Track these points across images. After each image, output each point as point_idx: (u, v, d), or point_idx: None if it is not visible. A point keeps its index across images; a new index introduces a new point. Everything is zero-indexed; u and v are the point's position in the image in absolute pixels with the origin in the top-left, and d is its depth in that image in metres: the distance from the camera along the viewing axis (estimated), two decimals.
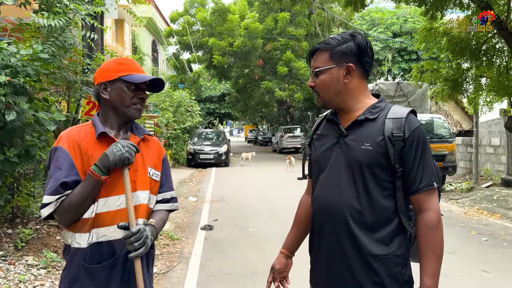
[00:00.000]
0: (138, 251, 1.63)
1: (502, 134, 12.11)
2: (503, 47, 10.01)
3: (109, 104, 1.78)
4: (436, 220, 1.55)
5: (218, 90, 37.52)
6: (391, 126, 1.56)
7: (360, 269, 1.57)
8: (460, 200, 9.96)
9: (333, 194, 1.64)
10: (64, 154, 1.69)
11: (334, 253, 1.64)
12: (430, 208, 1.56)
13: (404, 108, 1.64)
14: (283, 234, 6.64)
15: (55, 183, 1.64)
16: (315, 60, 1.68)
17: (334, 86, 1.64)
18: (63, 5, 4.04)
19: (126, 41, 20.81)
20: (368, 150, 1.57)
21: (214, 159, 18.27)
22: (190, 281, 4.53)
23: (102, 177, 1.64)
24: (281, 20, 22.09)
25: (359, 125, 1.62)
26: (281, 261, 1.92)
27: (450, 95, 10.85)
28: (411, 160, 1.55)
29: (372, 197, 1.57)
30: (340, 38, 1.65)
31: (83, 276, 1.69)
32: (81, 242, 1.69)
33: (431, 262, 1.53)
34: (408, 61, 21.17)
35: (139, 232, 1.63)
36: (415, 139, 1.55)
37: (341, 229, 1.61)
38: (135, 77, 1.77)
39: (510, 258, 5.39)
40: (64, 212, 1.65)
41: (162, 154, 1.96)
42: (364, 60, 1.64)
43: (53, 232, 4.98)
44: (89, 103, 5.15)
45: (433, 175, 1.59)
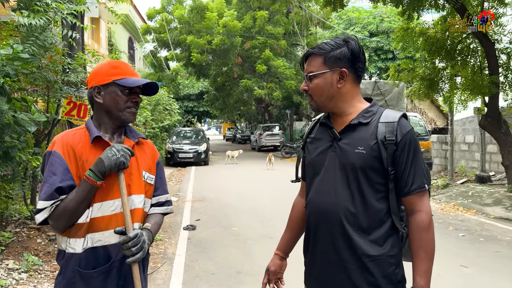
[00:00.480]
0: (136, 256, 1.63)
1: (476, 132, 12.46)
2: (477, 47, 10.30)
3: (103, 108, 1.77)
4: (428, 221, 1.60)
5: (197, 88, 37.25)
6: (383, 130, 1.60)
7: (355, 270, 1.61)
8: (436, 196, 10.21)
9: (328, 197, 1.67)
10: (58, 158, 1.67)
11: (329, 254, 1.67)
12: (421, 209, 1.60)
13: (396, 112, 1.68)
14: (266, 233, 6.71)
15: (50, 188, 1.62)
16: (309, 64, 1.71)
17: (327, 90, 1.67)
18: (44, 4, 3.96)
19: (102, 39, 20.47)
20: (362, 153, 1.60)
21: (193, 158, 18.16)
22: (175, 282, 4.52)
23: (97, 182, 1.63)
24: (260, 18, 22.10)
25: (353, 129, 1.66)
26: (276, 262, 1.95)
27: (426, 94, 11.08)
28: (403, 163, 1.59)
29: (366, 200, 1.61)
30: (334, 43, 1.68)
31: (79, 281, 1.68)
32: (76, 247, 1.68)
33: (423, 261, 1.57)
34: (385, 60, 21.54)
35: (136, 237, 1.63)
36: (407, 142, 1.60)
37: (336, 231, 1.64)
38: (129, 81, 1.76)
39: (487, 253, 5.56)
40: (58, 217, 1.63)
41: (156, 157, 1.95)
42: (357, 65, 1.68)
43: (33, 235, 4.88)
44: (69, 103, 5.05)
45: (424, 177, 1.63)
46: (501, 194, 9.17)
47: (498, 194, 9.25)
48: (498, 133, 9.52)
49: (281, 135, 26.44)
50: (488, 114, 9.69)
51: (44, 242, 4.82)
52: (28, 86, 5.10)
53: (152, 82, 1.85)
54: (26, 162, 4.59)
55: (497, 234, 6.52)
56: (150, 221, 1.84)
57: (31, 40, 3.90)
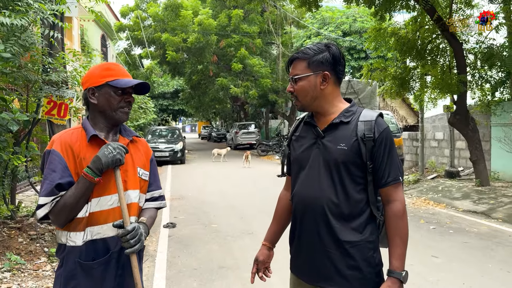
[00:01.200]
0: (134, 247, 1.73)
1: (445, 129, 12.93)
2: (446, 47, 10.71)
3: (97, 108, 1.86)
4: (402, 210, 1.77)
5: (171, 86, 37.04)
6: (363, 128, 1.77)
7: (337, 255, 1.77)
8: (408, 191, 10.56)
9: (313, 190, 1.82)
10: (57, 157, 1.75)
11: (314, 242, 1.82)
12: (396, 199, 1.77)
13: (373, 112, 1.85)
14: (246, 229, 6.86)
15: (51, 185, 1.71)
16: (294, 68, 1.86)
17: (311, 91, 1.82)
18: (24, 3, 3.96)
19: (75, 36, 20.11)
20: (343, 149, 1.76)
21: (169, 156, 18.10)
22: (158, 277, 4.60)
23: (95, 178, 1.72)
24: (235, 17, 22.17)
25: (335, 128, 1.82)
26: (264, 252, 2.08)
27: (398, 93, 11.44)
28: (380, 157, 1.76)
29: (347, 191, 1.77)
30: (317, 48, 1.83)
31: (79, 273, 1.77)
32: (76, 241, 1.77)
33: (398, 246, 1.74)
34: (358, 59, 21.95)
35: (134, 230, 1.73)
36: (383, 139, 1.76)
37: (320, 221, 1.79)
38: (121, 82, 1.85)
39: (456, 244, 5.86)
40: (59, 213, 1.72)
41: (149, 154, 2.05)
42: (338, 68, 1.84)
43: (14, 235, 4.86)
44: (50, 102, 5.04)
45: (399, 170, 1.81)
46: (469, 189, 9.58)
47: (467, 188, 9.66)
48: (466, 130, 9.94)
49: (257, 133, 26.61)
50: (456, 112, 10.10)
51: (26, 242, 4.81)
52: (7, 85, 5.06)
53: (144, 82, 1.95)
54: (6, 162, 4.57)
55: (465, 226, 6.85)
56: (145, 215, 1.94)
57: (12, 40, 3.90)
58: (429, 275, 4.63)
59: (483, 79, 10.38)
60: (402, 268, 1.72)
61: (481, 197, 8.74)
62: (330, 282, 1.78)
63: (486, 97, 10.56)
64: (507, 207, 7.81)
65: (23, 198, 7.50)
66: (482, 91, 10.52)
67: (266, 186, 11.35)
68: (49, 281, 4.15)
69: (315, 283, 1.83)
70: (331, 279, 1.78)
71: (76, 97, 5.37)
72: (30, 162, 5.66)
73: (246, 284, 4.35)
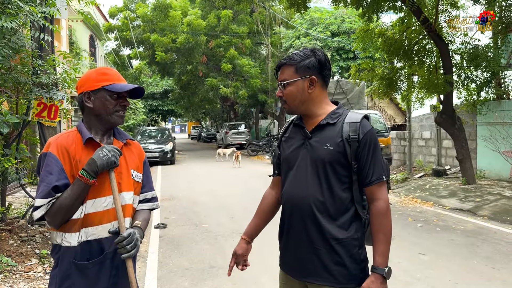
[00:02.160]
0: (131, 253, 1.78)
1: (432, 128, 13.11)
2: (432, 48, 10.87)
3: (93, 112, 1.90)
4: (386, 208, 1.84)
5: (161, 86, 36.88)
6: (348, 129, 1.84)
7: (324, 251, 1.84)
8: (396, 190, 10.71)
9: (300, 188, 1.89)
10: (54, 159, 1.79)
11: (301, 239, 1.89)
12: (380, 197, 1.85)
13: (358, 114, 1.93)
14: (236, 229, 6.93)
15: (47, 187, 1.75)
16: (282, 73, 1.94)
17: (300, 95, 1.90)
18: (15, 6, 3.97)
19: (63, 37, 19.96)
20: (329, 149, 1.84)
21: (159, 157, 18.07)
22: (150, 277, 4.64)
23: (90, 180, 1.76)
24: (224, 17, 22.19)
25: (322, 129, 1.89)
26: (243, 246, 2.15)
27: (385, 93, 11.59)
28: (364, 157, 1.83)
29: (333, 190, 1.84)
30: (303, 54, 1.91)
31: (74, 272, 1.81)
32: (71, 241, 1.81)
33: (382, 243, 1.82)
34: (346, 59, 22.12)
35: (130, 236, 1.78)
36: (367, 140, 1.84)
37: (307, 218, 1.86)
38: (117, 87, 1.90)
39: (443, 241, 5.98)
40: (54, 214, 1.76)
41: (142, 157, 2.10)
42: (324, 72, 1.93)
43: (5, 237, 4.85)
44: (40, 104, 5.05)
45: (383, 170, 1.88)
46: (456, 187, 9.75)
47: (453, 186, 9.83)
48: (453, 129, 10.11)
49: (247, 133, 26.66)
50: (443, 111, 10.27)
51: (17, 243, 4.81)
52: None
53: (138, 87, 1.99)
54: None
55: (452, 224, 6.99)
56: (139, 218, 1.98)
57: (2, 42, 3.91)
58: (417, 272, 4.73)
59: (469, 79, 10.57)
60: (385, 264, 1.79)
61: (467, 195, 8.90)
62: (317, 277, 1.85)
63: (472, 96, 10.76)
64: (492, 204, 7.98)
65: (13, 200, 7.46)
66: (468, 91, 10.72)
67: (256, 186, 11.41)
68: (40, 283, 4.16)
69: (302, 279, 1.90)
70: (318, 274, 1.85)
71: (66, 99, 5.39)
72: (20, 164, 5.65)
73: (237, 283, 4.41)
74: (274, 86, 23.09)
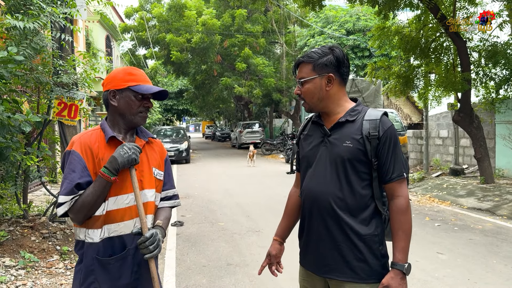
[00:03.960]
0: (153, 253, 1.81)
1: (450, 127, 12.96)
2: (449, 46, 10.74)
3: (117, 110, 1.93)
4: (406, 205, 1.84)
5: (176, 86, 37.16)
6: (368, 126, 1.85)
7: (345, 248, 1.85)
8: (413, 189, 10.61)
9: (320, 185, 1.90)
10: (77, 157, 1.83)
11: (322, 235, 1.90)
12: (400, 194, 1.85)
13: (378, 111, 1.93)
14: (252, 227, 6.95)
15: (70, 184, 1.78)
16: (300, 71, 1.95)
17: (318, 93, 1.91)
18: (36, 7, 4.05)
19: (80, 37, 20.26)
20: (349, 147, 1.84)
21: (174, 156, 18.20)
22: (168, 274, 4.69)
23: (111, 178, 1.79)
24: (238, 16, 22.24)
25: (341, 126, 1.90)
26: (276, 247, 2.17)
27: (402, 91, 11.48)
28: (384, 154, 1.84)
29: (353, 187, 1.85)
30: (321, 51, 1.92)
31: (97, 268, 1.84)
32: (94, 238, 1.84)
33: (402, 240, 1.82)
34: (361, 58, 21.97)
35: (152, 236, 1.82)
36: (388, 137, 1.84)
37: (327, 215, 1.88)
38: (143, 88, 1.92)
39: (461, 240, 5.92)
40: (77, 211, 1.79)
41: (164, 155, 2.13)
42: (342, 70, 1.93)
43: (27, 233, 4.96)
44: (60, 103, 5.15)
45: (403, 166, 1.88)
46: (473, 186, 9.62)
47: (471, 186, 9.70)
48: (471, 128, 9.97)
49: (261, 132, 26.67)
50: (461, 110, 10.13)
51: (38, 240, 4.92)
52: (17, 87, 5.17)
53: (164, 90, 2.01)
54: (19, 162, 4.68)
55: (470, 223, 6.91)
56: (161, 217, 2.01)
57: (25, 43, 4.00)
58: (435, 271, 4.69)
59: (487, 76, 10.40)
60: (405, 261, 1.80)
61: (485, 194, 8.78)
62: (338, 273, 1.86)
63: (490, 94, 10.59)
64: (511, 204, 7.85)
65: (34, 198, 7.62)
66: (486, 89, 10.55)
67: (271, 185, 11.44)
68: (62, 278, 4.25)
69: (324, 275, 1.92)
70: (339, 270, 1.86)
71: (86, 98, 5.48)
72: (41, 162, 5.77)
73: (254, 281, 4.44)
74: (289, 85, 23.07)
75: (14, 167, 4.79)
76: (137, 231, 1.83)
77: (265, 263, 2.17)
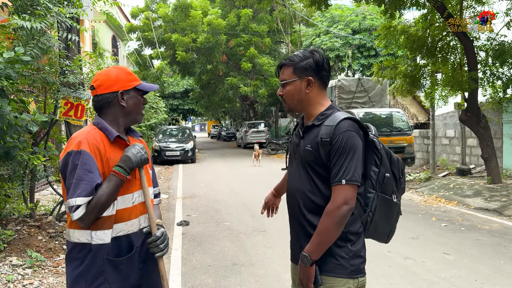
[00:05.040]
0: (164, 251, 1.86)
1: (457, 126, 12.88)
2: (456, 45, 10.67)
3: (124, 111, 1.93)
4: (331, 209, 1.83)
5: (181, 86, 37.27)
6: (324, 132, 1.90)
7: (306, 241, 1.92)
8: (419, 189, 10.56)
9: (293, 183, 2.04)
10: (90, 157, 1.78)
11: (297, 231, 2.02)
12: (333, 199, 1.86)
13: (341, 115, 1.91)
14: (258, 227, 6.93)
15: (90, 185, 1.74)
16: (282, 73, 2.04)
17: (297, 95, 1.99)
18: (43, 8, 4.07)
19: (86, 37, 20.36)
20: (309, 150, 1.93)
21: (180, 156, 18.23)
22: (174, 274, 4.70)
23: (127, 177, 1.81)
24: (244, 16, 22.26)
25: (309, 130, 1.99)
26: (270, 198, 2.54)
27: (408, 91, 11.43)
28: (335, 159, 1.86)
29: (318, 187, 1.92)
30: (302, 55, 1.99)
31: (108, 269, 1.82)
32: (105, 238, 1.81)
33: (316, 235, 1.86)
34: (367, 57, 21.90)
35: (163, 235, 1.87)
36: (337, 142, 1.85)
37: (296, 211, 2.00)
38: (146, 86, 1.98)
39: (468, 241, 5.88)
40: (91, 212, 1.75)
41: (149, 153, 2.13)
42: (322, 73, 1.99)
43: (34, 233, 5.00)
44: (67, 103, 5.17)
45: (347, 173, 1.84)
46: (481, 186, 9.56)
47: (478, 186, 9.64)
48: (478, 127, 9.91)
49: (266, 132, 26.66)
50: (467, 109, 10.07)
51: (45, 239, 4.95)
52: (24, 87, 5.21)
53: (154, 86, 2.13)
54: (26, 161, 4.71)
55: (477, 224, 6.86)
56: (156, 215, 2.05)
57: (32, 44, 4.02)
58: (441, 271, 4.67)
59: (494, 76, 10.33)
60: (308, 251, 1.86)
61: (493, 194, 8.72)
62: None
63: (498, 94, 10.51)
64: None
65: (40, 197, 7.67)
66: (493, 88, 10.47)
67: None
68: None
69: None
70: None
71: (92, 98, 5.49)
72: (48, 162, 5.80)
73: (259, 281, 4.44)
74: None
75: (21, 166, 4.82)
76: (147, 230, 1.87)
77: (263, 210, 2.57)
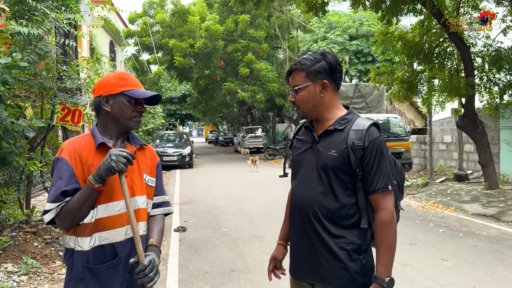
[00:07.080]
0: (154, 280, 1.75)
1: (454, 132, 12.91)
2: (453, 51, 10.72)
3: (110, 116, 1.89)
4: (389, 218, 1.80)
5: (179, 91, 37.26)
6: (353, 136, 1.84)
7: (326, 255, 1.84)
8: (417, 195, 10.56)
9: (305, 191, 1.92)
10: (65, 164, 1.79)
11: (306, 242, 1.90)
12: (384, 207, 1.82)
13: (367, 121, 1.90)
14: (255, 233, 6.91)
15: (57, 192, 1.75)
16: (293, 79, 1.95)
17: (312, 100, 1.91)
18: (41, 13, 4.06)
19: (84, 42, 20.36)
20: (334, 156, 1.84)
21: (177, 161, 18.18)
22: (171, 281, 4.66)
23: (96, 185, 1.74)
24: (242, 22, 22.32)
25: (329, 134, 1.90)
26: (282, 251, 2.18)
27: (406, 96, 11.46)
28: (369, 165, 1.82)
29: (336, 195, 1.84)
30: (313, 58, 1.91)
31: (87, 276, 1.80)
32: (83, 246, 1.80)
33: (384, 254, 1.79)
34: (364, 63, 21.98)
35: (151, 263, 1.75)
36: (373, 148, 1.82)
37: (310, 222, 1.88)
38: (137, 93, 1.90)
39: (466, 247, 5.87)
40: (63, 217, 1.75)
41: (156, 160, 2.10)
42: (335, 75, 1.93)
43: (30, 239, 4.95)
44: (64, 109, 5.15)
45: (389, 179, 1.84)
46: (478, 192, 9.56)
47: (476, 191, 9.64)
48: (475, 133, 9.93)
49: (264, 137, 26.66)
50: (465, 115, 10.09)
51: (41, 246, 4.90)
52: (21, 92, 5.18)
53: (157, 95, 1.99)
54: (22, 167, 4.68)
55: (475, 230, 6.85)
56: (154, 230, 1.97)
57: (29, 49, 4.00)
58: (440, 278, 4.65)
59: (491, 82, 10.37)
60: (387, 275, 1.77)
61: (490, 200, 8.72)
62: (320, 279, 1.87)
63: (495, 100, 10.55)
64: None
65: (36, 203, 7.61)
66: (490, 94, 10.51)
67: (274, 190, 11.40)
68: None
69: (307, 280, 1.92)
70: (321, 277, 1.86)
71: (89, 103, 5.49)
72: (44, 167, 5.77)
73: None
74: None
75: (18, 172, 4.79)
76: (134, 260, 1.76)
77: (271, 267, 2.17)
